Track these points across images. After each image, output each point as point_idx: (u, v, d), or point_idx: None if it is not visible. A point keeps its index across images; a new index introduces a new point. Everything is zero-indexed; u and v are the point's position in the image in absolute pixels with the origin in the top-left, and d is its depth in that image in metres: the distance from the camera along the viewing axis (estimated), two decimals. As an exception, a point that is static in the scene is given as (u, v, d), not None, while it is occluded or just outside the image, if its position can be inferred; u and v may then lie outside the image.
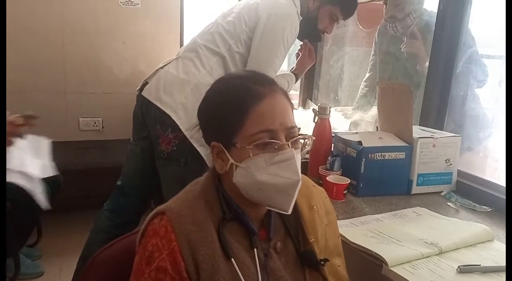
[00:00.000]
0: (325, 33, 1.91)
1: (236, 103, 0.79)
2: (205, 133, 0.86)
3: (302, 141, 0.82)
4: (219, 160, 0.82)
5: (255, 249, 0.81)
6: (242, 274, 0.77)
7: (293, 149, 0.78)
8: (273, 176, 0.77)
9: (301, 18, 1.77)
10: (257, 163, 0.77)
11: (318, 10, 1.82)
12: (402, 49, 2.10)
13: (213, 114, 0.83)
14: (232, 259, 0.77)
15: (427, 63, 1.98)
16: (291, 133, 0.80)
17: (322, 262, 0.84)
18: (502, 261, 1.02)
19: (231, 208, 0.83)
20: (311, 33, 1.85)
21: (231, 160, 0.80)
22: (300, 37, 1.86)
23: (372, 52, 2.39)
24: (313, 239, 0.86)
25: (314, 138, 0.83)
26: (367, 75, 2.43)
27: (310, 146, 0.83)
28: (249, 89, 0.80)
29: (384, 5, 2.15)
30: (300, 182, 0.78)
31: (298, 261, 0.85)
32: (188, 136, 1.62)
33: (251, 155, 0.77)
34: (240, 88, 0.81)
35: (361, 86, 2.45)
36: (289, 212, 0.80)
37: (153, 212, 0.82)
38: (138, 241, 0.81)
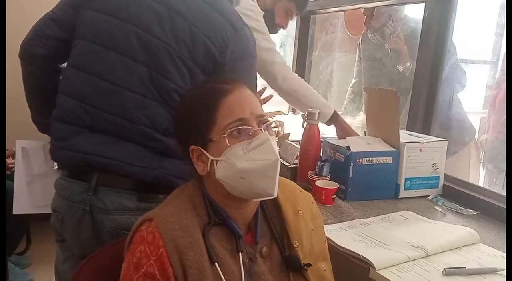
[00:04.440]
0: (282, 28, 1.97)
1: (205, 103, 0.82)
2: (181, 143, 0.89)
3: (275, 130, 0.85)
4: (200, 162, 0.84)
5: (240, 253, 0.82)
6: (226, 279, 0.78)
7: (266, 132, 0.81)
8: (252, 161, 0.79)
9: (262, 12, 1.82)
10: (235, 152, 0.79)
11: (274, 5, 1.89)
12: (386, 47, 2.15)
13: (187, 120, 0.86)
14: (216, 264, 0.78)
15: (408, 63, 2.03)
16: (262, 120, 0.83)
17: (305, 267, 0.85)
18: (486, 264, 1.04)
19: (216, 212, 0.84)
20: (269, 27, 1.89)
21: (210, 157, 0.82)
22: None
23: (357, 58, 2.43)
24: (297, 244, 0.87)
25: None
26: (353, 81, 2.46)
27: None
28: (215, 88, 0.84)
29: (365, 15, 2.20)
30: (279, 162, 0.80)
31: (283, 266, 0.86)
32: None
33: (227, 144, 0.79)
34: (207, 90, 0.85)
35: (348, 92, 2.48)
36: (275, 195, 0.81)
37: (141, 218, 0.83)
38: (126, 247, 0.81)
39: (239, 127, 0.80)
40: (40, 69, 1.23)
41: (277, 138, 0.84)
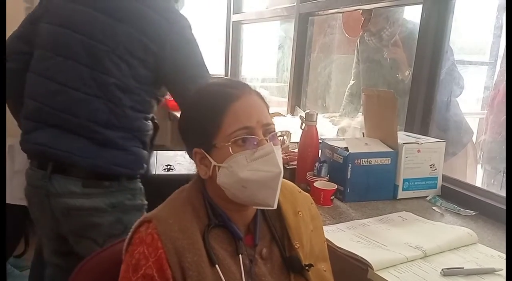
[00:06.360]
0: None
1: (212, 107, 0.81)
2: (186, 143, 0.88)
3: (280, 138, 0.85)
4: (202, 166, 0.84)
5: (240, 255, 0.82)
6: (226, 280, 0.78)
7: (271, 143, 0.80)
8: (255, 171, 0.78)
9: None
10: (238, 161, 0.79)
11: None
12: (385, 56, 2.14)
13: (192, 121, 0.86)
14: (217, 266, 0.78)
15: (407, 72, 2.02)
16: (268, 129, 0.82)
17: (306, 267, 0.85)
18: (485, 264, 1.04)
19: (216, 214, 0.84)
20: None
21: (213, 162, 0.81)
22: None
23: (355, 60, 2.43)
24: (298, 245, 0.87)
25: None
26: (351, 82, 2.46)
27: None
28: (223, 92, 0.83)
29: (363, 17, 2.20)
30: (282, 174, 0.80)
31: (283, 267, 0.86)
32: None
33: (231, 152, 0.79)
34: (215, 93, 0.84)
35: (346, 94, 2.48)
36: (274, 207, 0.81)
37: (140, 220, 0.83)
38: (124, 249, 0.81)
39: (245, 136, 0.79)
40: (11, 78, 1.42)
41: (282, 147, 0.84)
